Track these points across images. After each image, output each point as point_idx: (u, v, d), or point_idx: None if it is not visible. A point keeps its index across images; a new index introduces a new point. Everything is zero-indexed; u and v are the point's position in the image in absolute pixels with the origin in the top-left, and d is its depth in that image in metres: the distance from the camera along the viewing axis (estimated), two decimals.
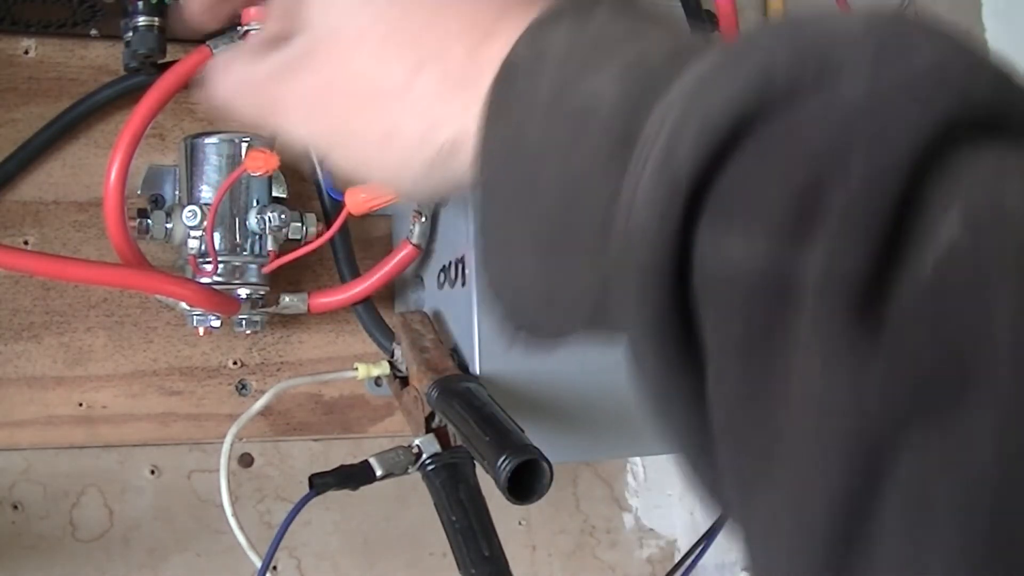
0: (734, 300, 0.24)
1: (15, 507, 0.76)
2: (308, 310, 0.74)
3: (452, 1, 0.33)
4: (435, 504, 0.63)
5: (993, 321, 0.21)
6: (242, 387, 0.79)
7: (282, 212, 0.71)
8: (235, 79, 0.37)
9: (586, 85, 0.28)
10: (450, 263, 0.71)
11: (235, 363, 0.78)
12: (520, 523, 0.87)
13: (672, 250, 0.25)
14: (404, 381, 0.71)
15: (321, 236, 0.71)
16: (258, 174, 0.66)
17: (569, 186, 0.28)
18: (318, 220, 0.74)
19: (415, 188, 0.34)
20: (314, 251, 0.71)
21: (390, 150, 0.33)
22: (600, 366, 0.66)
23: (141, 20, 0.69)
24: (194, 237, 0.70)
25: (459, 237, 0.69)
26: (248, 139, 0.72)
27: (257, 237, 0.71)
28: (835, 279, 0.22)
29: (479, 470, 0.62)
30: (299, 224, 0.72)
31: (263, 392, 0.73)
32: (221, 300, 0.69)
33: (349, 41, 0.33)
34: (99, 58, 0.77)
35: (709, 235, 0.24)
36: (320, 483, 0.64)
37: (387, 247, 0.79)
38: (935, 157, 0.23)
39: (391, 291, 0.81)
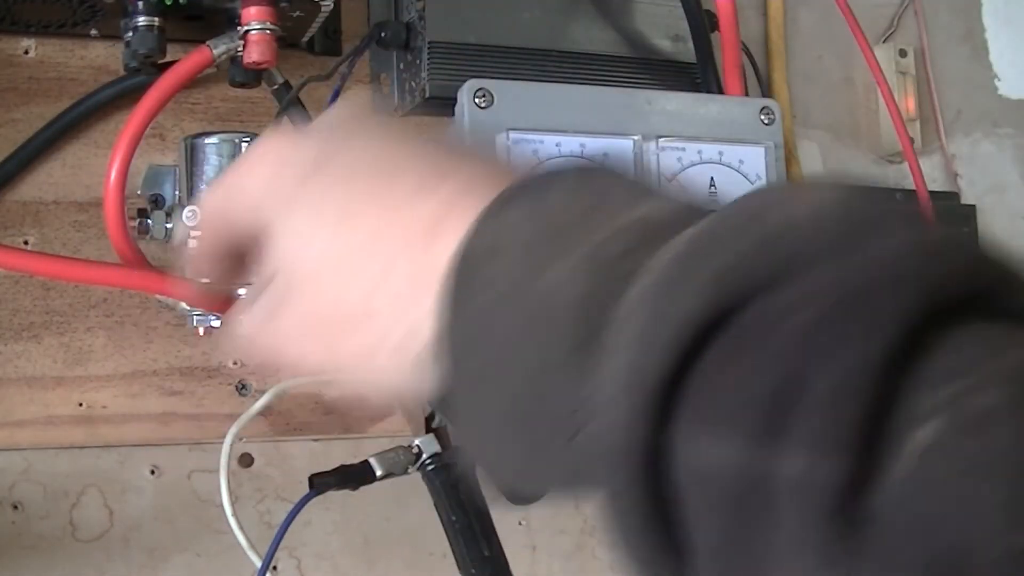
0: (710, 501, 0.24)
1: (15, 507, 0.76)
2: None
3: (397, 203, 0.33)
4: (435, 504, 0.63)
5: (978, 527, 0.20)
6: (242, 387, 0.79)
7: None
8: (242, 330, 0.39)
9: (547, 277, 0.28)
10: None
11: (235, 363, 0.78)
12: (520, 523, 0.87)
13: (643, 451, 0.24)
14: None
15: None
16: None
17: (535, 376, 0.28)
18: None
19: (426, 389, 0.34)
20: None
21: (382, 361, 0.33)
22: None
23: (141, 20, 0.69)
24: (194, 237, 0.70)
25: None
26: (248, 139, 0.72)
27: None
28: (812, 485, 0.22)
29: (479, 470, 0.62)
30: None
31: (263, 392, 0.73)
32: (221, 300, 0.69)
33: (312, 271, 0.35)
34: (99, 58, 0.76)
35: (682, 437, 0.24)
36: (320, 483, 0.64)
37: None
38: (909, 349, 0.23)
39: None
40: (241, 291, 0.71)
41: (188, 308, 0.71)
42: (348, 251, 0.34)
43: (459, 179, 0.33)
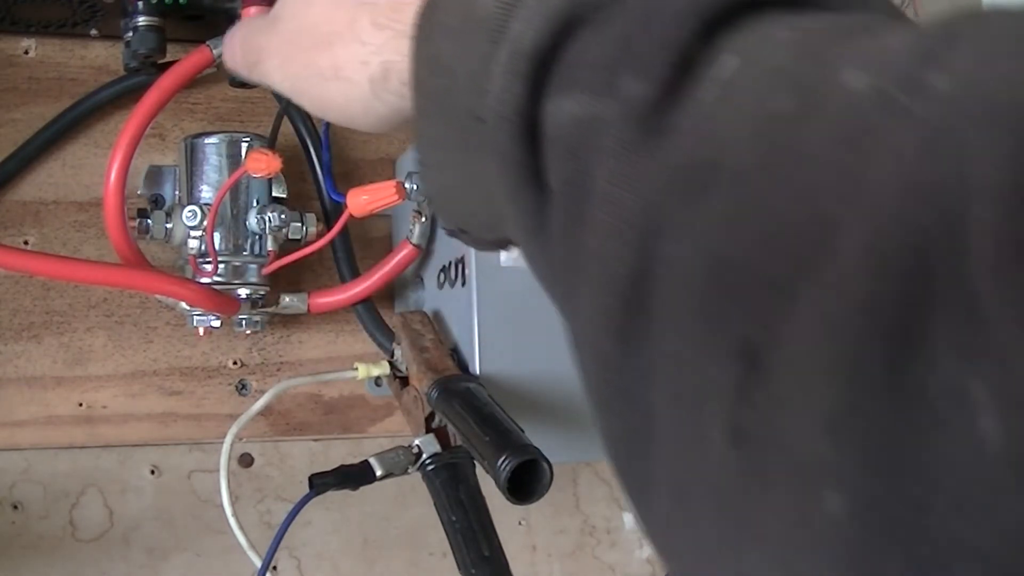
0: (565, 144, 0.30)
1: (15, 507, 0.76)
2: (308, 310, 0.74)
3: None
4: (435, 504, 0.63)
5: (743, 132, 0.25)
6: (242, 387, 0.79)
7: (282, 212, 0.71)
8: (235, 37, 0.48)
9: (478, 4, 0.34)
10: (450, 263, 0.71)
11: (235, 363, 0.78)
12: (520, 523, 0.87)
13: (521, 113, 0.30)
14: (404, 381, 0.71)
15: (321, 237, 0.71)
16: (259, 176, 0.66)
17: (464, 81, 0.34)
18: (318, 220, 0.74)
19: (365, 118, 0.41)
20: (314, 251, 0.71)
21: (337, 82, 0.41)
22: None
23: (141, 20, 0.69)
24: (194, 237, 0.70)
25: None
26: (248, 139, 0.72)
27: (257, 237, 0.71)
28: (630, 105, 0.27)
29: (479, 470, 0.62)
30: (299, 224, 0.72)
31: (263, 392, 0.73)
32: (221, 300, 0.69)
33: (306, 2, 0.43)
34: (99, 58, 0.77)
35: (551, 101, 0.30)
36: (320, 483, 0.64)
37: (387, 247, 0.79)
38: (725, 18, 0.28)
39: (391, 291, 0.81)
40: (242, 291, 0.71)
41: (188, 308, 0.71)
42: None
43: None
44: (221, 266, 0.70)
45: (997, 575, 0.20)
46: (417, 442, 0.65)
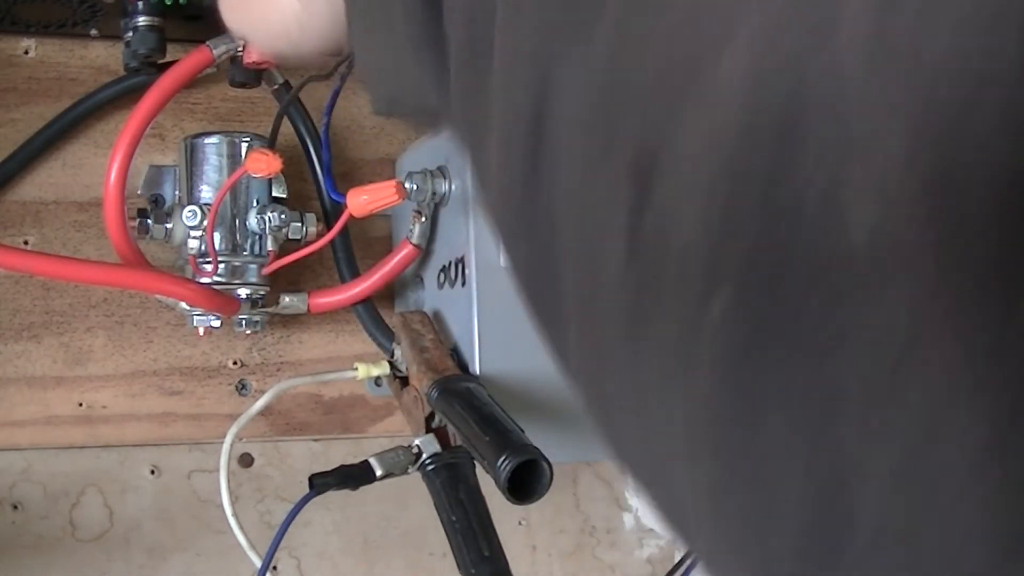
0: (464, 11, 0.30)
1: (15, 507, 0.76)
2: (308, 310, 0.74)
3: None
4: (435, 504, 0.63)
5: None
6: (242, 387, 0.79)
7: (282, 212, 0.71)
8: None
9: None
10: (450, 263, 0.71)
11: (235, 363, 0.78)
12: (520, 523, 0.87)
13: None
14: (404, 381, 0.71)
15: (321, 237, 0.71)
16: (259, 176, 0.66)
17: None
18: (318, 220, 0.74)
19: (304, 35, 0.45)
20: (314, 251, 0.71)
21: (271, 10, 0.46)
22: None
23: (141, 20, 0.69)
24: (194, 237, 0.70)
25: (459, 237, 0.69)
26: (248, 139, 0.72)
27: (257, 237, 0.71)
28: None
29: (479, 470, 0.62)
30: (299, 224, 0.72)
31: (263, 392, 0.73)
32: (221, 300, 0.69)
33: None
34: (99, 58, 0.77)
35: None
36: (320, 483, 0.64)
37: (387, 247, 0.79)
38: None
39: (391, 291, 0.81)
40: (242, 292, 0.71)
41: (188, 308, 0.71)
42: None
43: None
44: (221, 266, 0.70)
45: (872, 365, 0.20)
46: (417, 442, 0.65)
